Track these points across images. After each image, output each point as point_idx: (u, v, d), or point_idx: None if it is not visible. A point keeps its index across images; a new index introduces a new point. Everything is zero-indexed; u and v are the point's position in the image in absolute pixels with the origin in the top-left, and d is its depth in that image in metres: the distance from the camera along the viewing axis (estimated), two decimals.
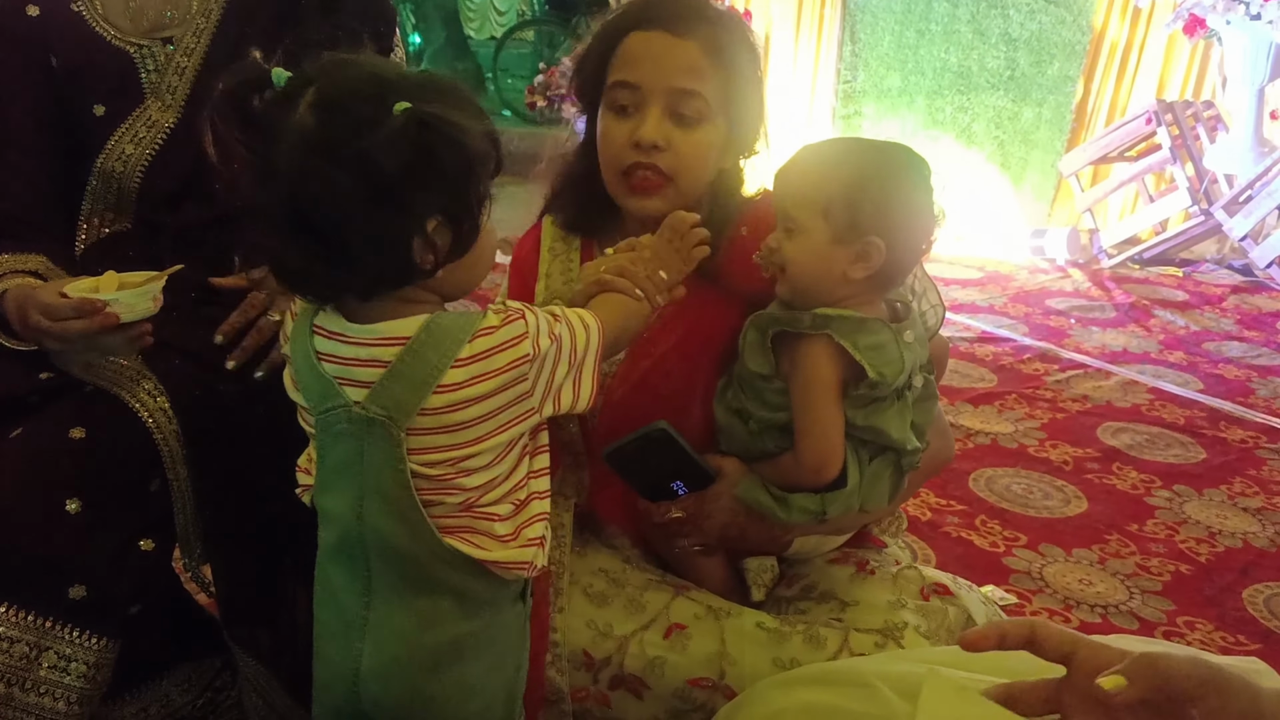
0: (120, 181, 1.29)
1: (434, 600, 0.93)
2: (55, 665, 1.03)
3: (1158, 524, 2.35)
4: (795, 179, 1.12)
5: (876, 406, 1.11)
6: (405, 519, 0.90)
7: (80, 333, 1.05)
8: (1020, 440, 2.75)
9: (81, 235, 1.32)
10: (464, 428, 0.89)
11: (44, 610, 1.03)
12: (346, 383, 0.89)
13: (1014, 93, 4.87)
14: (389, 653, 0.93)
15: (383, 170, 0.81)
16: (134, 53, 1.29)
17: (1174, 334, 3.75)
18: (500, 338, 0.88)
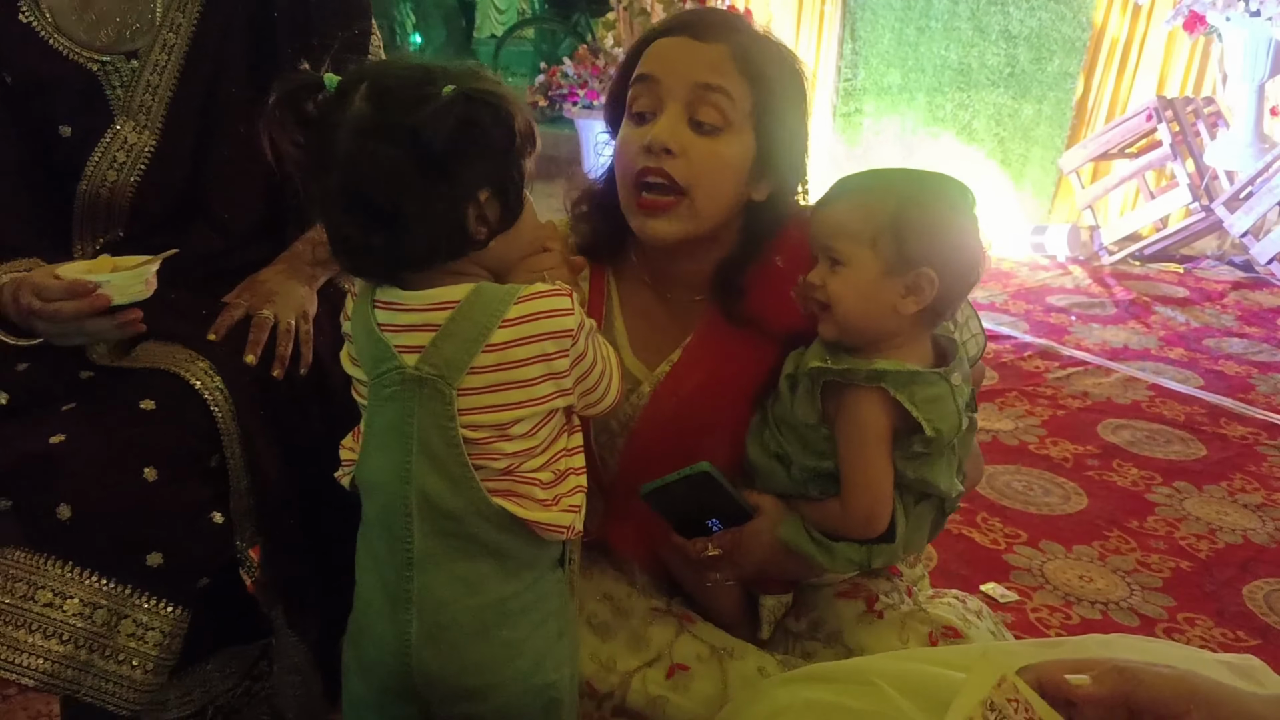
0: (108, 204, 1.26)
1: (474, 564, 0.97)
2: (133, 633, 1.05)
3: (1158, 520, 2.36)
4: (838, 211, 1.05)
5: (928, 459, 1.07)
6: (451, 476, 0.95)
7: (72, 314, 1.04)
8: (1021, 437, 2.76)
9: (76, 252, 1.30)
10: (508, 388, 0.94)
11: (124, 577, 1.05)
12: (402, 348, 0.95)
13: (1014, 89, 4.87)
14: (435, 620, 0.97)
15: (433, 143, 0.87)
16: (97, 70, 1.23)
17: (1174, 330, 3.76)
18: (546, 306, 0.94)
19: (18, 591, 1.01)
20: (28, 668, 1.00)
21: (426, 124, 0.87)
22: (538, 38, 8.21)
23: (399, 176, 0.89)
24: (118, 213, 1.28)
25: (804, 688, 0.91)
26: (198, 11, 1.26)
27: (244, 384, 1.16)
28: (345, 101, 0.90)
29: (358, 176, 0.90)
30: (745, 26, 1.13)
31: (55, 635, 1.01)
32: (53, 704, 1.54)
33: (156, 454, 1.06)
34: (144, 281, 1.09)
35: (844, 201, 1.06)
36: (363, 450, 0.99)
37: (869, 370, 1.03)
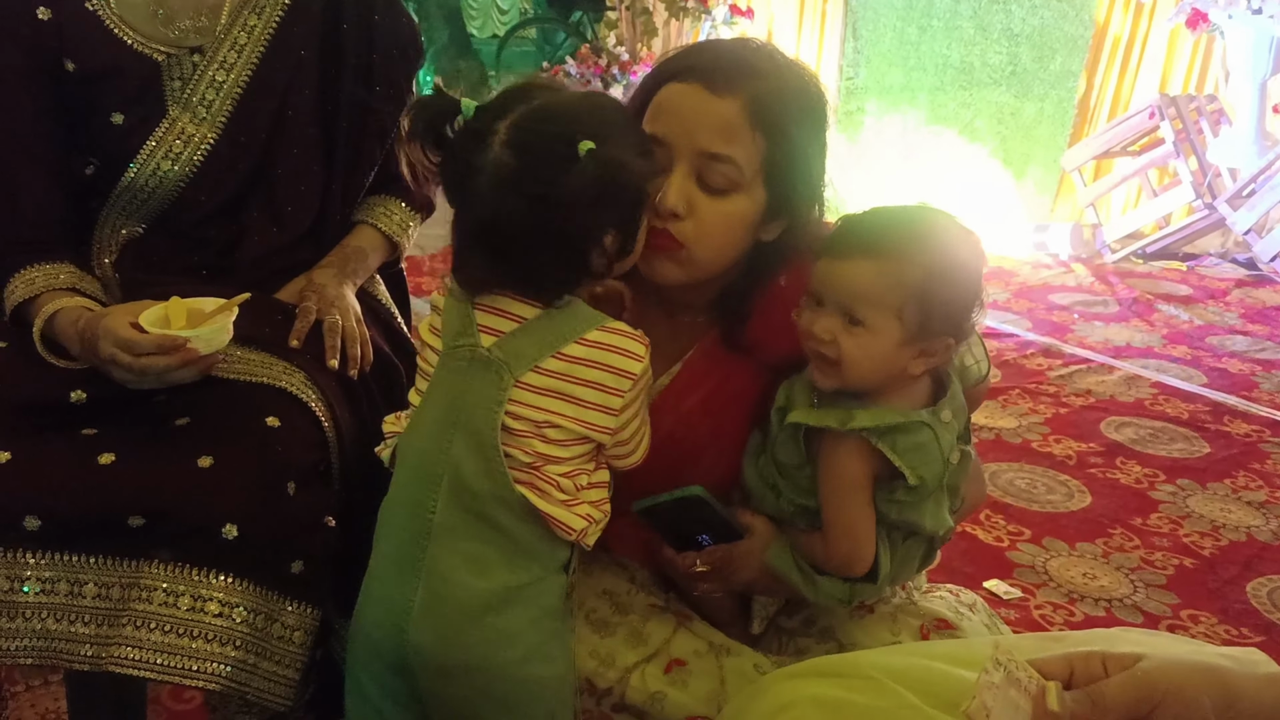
0: (150, 194, 1.29)
1: (485, 547, 1.01)
2: (282, 635, 1.11)
3: (1161, 518, 2.36)
4: (863, 274, 1.00)
5: (913, 503, 1.06)
6: (484, 458, 0.99)
7: (163, 369, 1.08)
8: (1024, 435, 2.76)
9: (95, 244, 1.32)
10: (561, 398, 0.99)
11: (275, 585, 1.10)
12: (484, 328, 1.00)
13: (1016, 88, 4.87)
14: (437, 592, 1.00)
15: (572, 207, 0.94)
16: (162, 61, 1.26)
17: (1178, 328, 3.76)
18: (622, 344, 1.00)
19: (184, 604, 1.06)
20: (213, 674, 1.06)
21: (566, 193, 0.93)
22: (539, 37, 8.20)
23: (534, 230, 0.95)
24: (154, 204, 1.30)
25: (808, 683, 0.91)
26: (277, 18, 1.30)
27: (333, 390, 1.22)
28: (485, 143, 0.95)
29: (494, 224, 0.95)
30: (766, 70, 1.07)
31: (230, 642, 1.07)
32: (60, 700, 1.55)
33: (293, 469, 1.12)
34: (226, 331, 1.12)
35: (870, 264, 1.00)
36: (415, 416, 1.04)
37: (848, 428, 1.01)
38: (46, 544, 1.07)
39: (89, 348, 1.12)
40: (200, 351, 1.09)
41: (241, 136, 1.29)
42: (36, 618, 1.07)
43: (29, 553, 1.07)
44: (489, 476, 0.99)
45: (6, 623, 1.07)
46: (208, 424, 1.14)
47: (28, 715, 1.54)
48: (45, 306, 1.18)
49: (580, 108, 0.99)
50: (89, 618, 1.07)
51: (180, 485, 1.08)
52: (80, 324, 1.14)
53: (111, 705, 1.37)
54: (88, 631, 1.07)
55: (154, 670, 1.05)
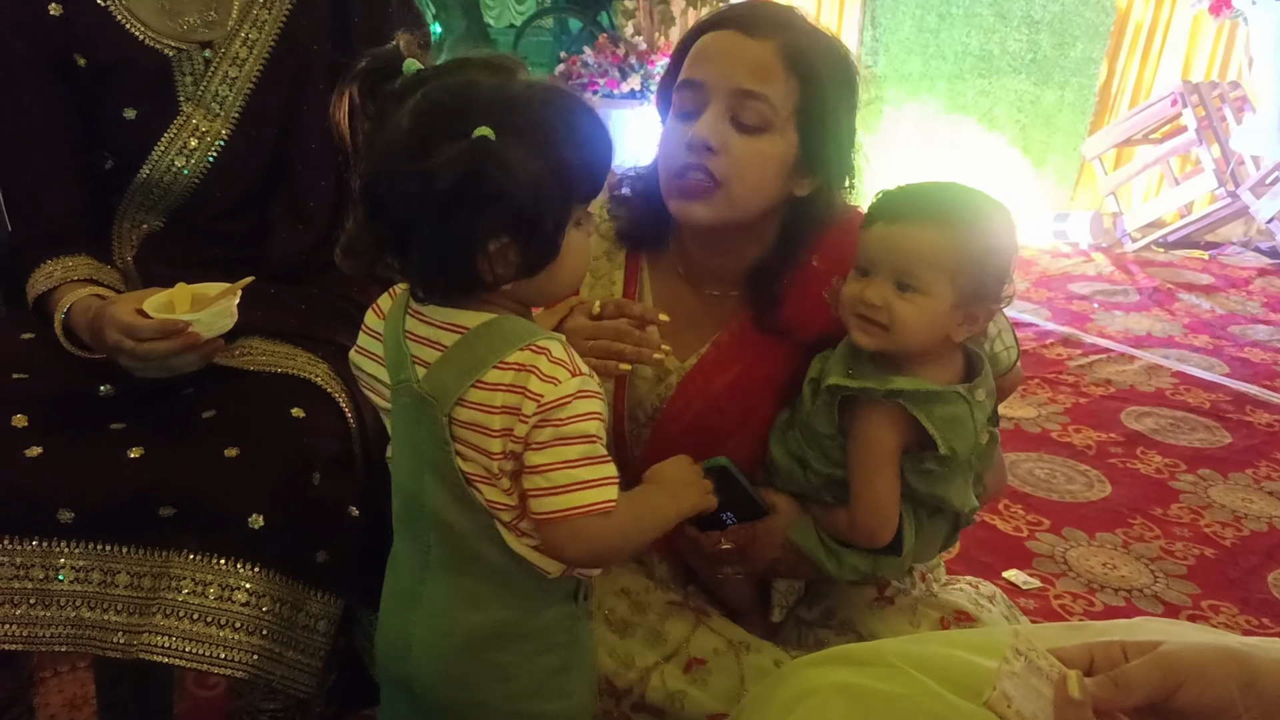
0: (166, 190, 1.30)
1: (477, 582, 0.96)
2: (307, 624, 1.13)
3: (1182, 508, 2.35)
4: (924, 237, 1.02)
5: (942, 475, 1.07)
6: (455, 493, 0.92)
7: (165, 354, 1.09)
8: (1043, 425, 2.75)
9: (115, 239, 1.33)
10: (482, 432, 0.89)
11: (300, 574, 1.12)
12: (417, 361, 0.93)
13: (1036, 76, 4.84)
14: (435, 627, 0.97)
15: (436, 188, 0.83)
16: (172, 56, 1.27)
17: (1199, 317, 3.73)
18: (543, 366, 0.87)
19: (211, 594, 1.08)
20: (240, 662, 1.08)
21: (434, 168, 0.83)
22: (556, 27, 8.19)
23: (407, 207, 0.86)
24: (171, 199, 1.31)
25: (830, 670, 0.91)
26: (286, 11, 1.30)
27: (356, 383, 1.22)
28: (399, 104, 0.87)
29: (379, 191, 0.88)
30: (798, 22, 1.10)
31: (256, 631, 1.08)
32: (87, 686, 1.57)
33: (318, 459, 1.13)
34: (229, 315, 1.12)
35: (931, 228, 1.02)
36: (394, 449, 0.98)
37: (886, 390, 1.02)
38: (80, 535, 1.09)
39: (98, 336, 1.13)
40: (202, 336, 1.09)
41: (255, 132, 1.30)
42: (71, 606, 1.09)
43: (63, 543, 1.09)
44: (465, 515, 0.93)
45: (42, 611, 1.09)
46: (233, 416, 1.15)
47: (55, 700, 1.56)
48: (63, 299, 1.20)
49: (513, 98, 0.87)
50: (121, 606, 1.09)
51: (207, 476, 1.09)
52: (90, 313, 1.15)
53: (138, 691, 1.39)
54: (119, 620, 1.09)
55: (184, 658, 1.07)
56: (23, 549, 1.09)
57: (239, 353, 1.25)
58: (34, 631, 1.09)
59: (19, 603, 1.08)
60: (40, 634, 1.09)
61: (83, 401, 1.18)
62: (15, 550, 1.08)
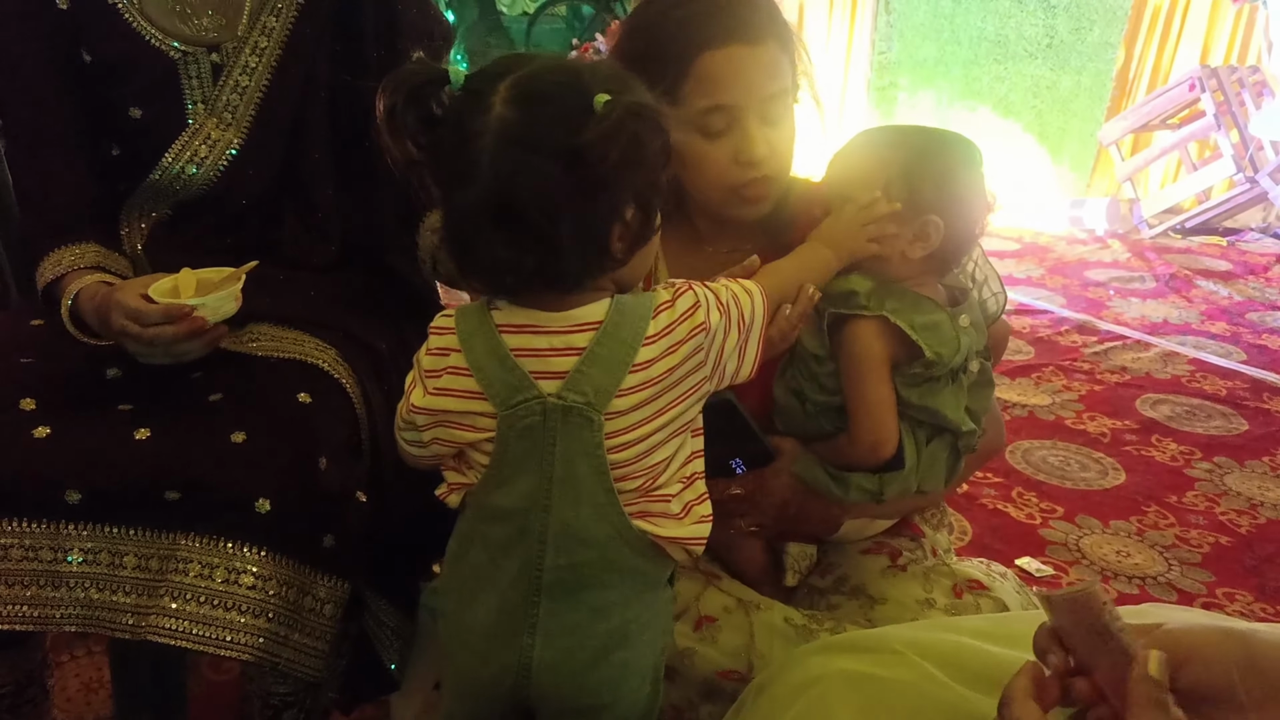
0: (176, 192, 1.29)
1: (605, 592, 0.95)
2: (313, 608, 1.13)
3: (1197, 496, 2.33)
4: (852, 161, 1.12)
5: (931, 387, 1.10)
6: (596, 503, 0.91)
7: (170, 339, 1.09)
8: (1057, 412, 2.74)
9: (125, 228, 1.33)
10: (659, 400, 0.90)
11: (307, 558, 1.12)
12: (540, 374, 0.89)
13: (1052, 61, 4.79)
14: (560, 646, 0.95)
15: (599, 164, 0.81)
16: (177, 58, 1.26)
17: (1216, 304, 3.70)
18: (679, 310, 0.91)
19: (218, 576, 1.08)
20: (246, 645, 1.08)
21: (595, 144, 0.80)
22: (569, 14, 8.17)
23: (557, 195, 0.82)
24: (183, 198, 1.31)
25: (836, 658, 0.91)
26: (292, 17, 1.29)
27: (364, 367, 1.24)
28: (483, 104, 0.83)
29: (511, 192, 0.83)
30: (765, 2, 1.15)
31: (263, 614, 1.09)
32: (102, 669, 1.58)
33: (325, 445, 1.13)
34: (234, 300, 1.12)
35: (858, 152, 1.12)
36: (493, 479, 0.93)
37: (871, 295, 1.08)
38: (88, 516, 1.09)
39: (104, 321, 1.13)
40: (207, 320, 1.10)
41: (264, 142, 1.30)
42: (80, 587, 1.10)
43: (71, 525, 1.10)
44: (604, 520, 0.92)
45: (52, 591, 1.09)
46: (241, 400, 1.15)
47: (72, 684, 1.58)
48: (70, 286, 1.20)
49: (583, 65, 0.90)
50: (129, 588, 1.10)
51: (215, 460, 1.10)
52: (97, 299, 1.16)
53: (152, 674, 1.40)
54: (128, 601, 1.10)
55: (190, 640, 1.07)
56: (31, 530, 1.09)
57: (247, 338, 1.25)
58: (45, 612, 1.09)
59: (29, 584, 1.09)
60: (51, 614, 1.10)
61: (90, 384, 1.18)
62: (24, 531, 1.09)
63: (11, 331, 1.27)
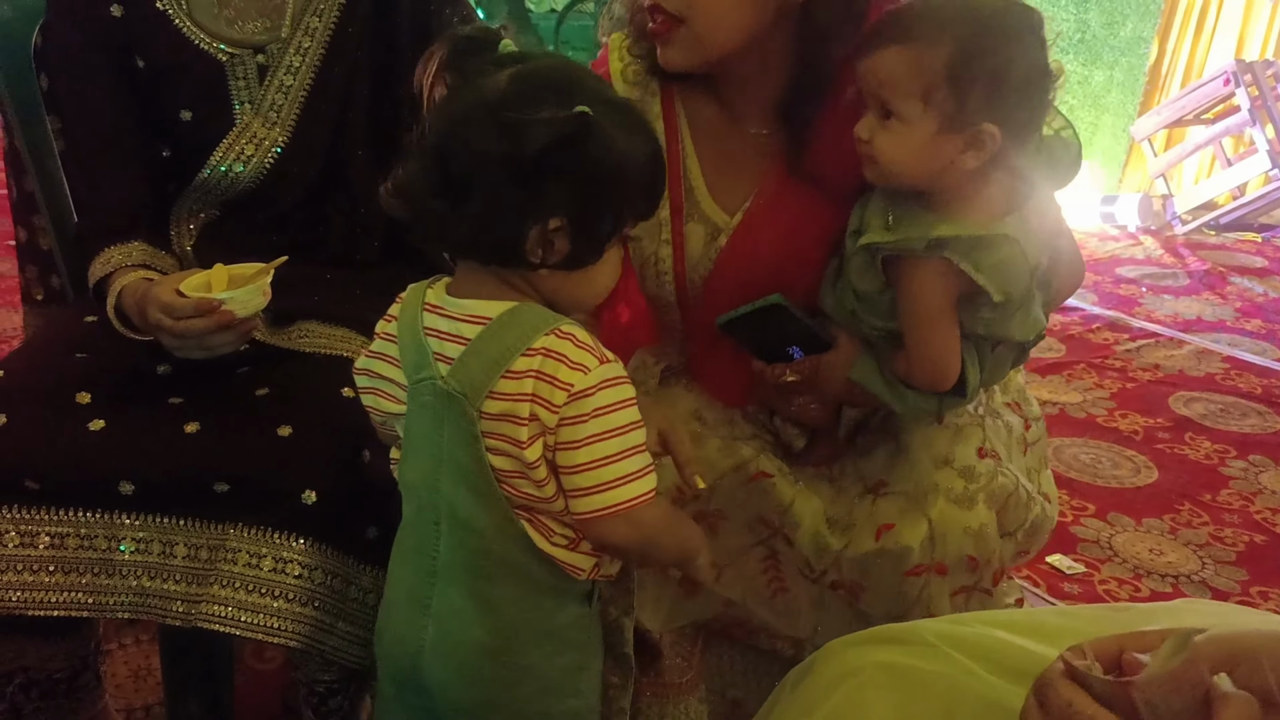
0: (224, 191, 1.33)
1: (494, 586, 0.94)
2: (357, 597, 1.16)
3: (1232, 494, 2.32)
4: (885, 60, 0.95)
5: (1000, 318, 1.02)
6: (479, 492, 0.91)
7: (201, 331, 1.12)
8: (1089, 410, 2.73)
9: (174, 228, 1.36)
10: (514, 422, 0.87)
11: (351, 549, 1.16)
12: (439, 357, 0.91)
13: (1084, 55, 4.75)
14: (450, 634, 0.96)
15: (525, 144, 0.83)
16: (225, 61, 1.29)
17: (1252, 301, 3.66)
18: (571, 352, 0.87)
19: (266, 565, 1.12)
20: (294, 632, 1.12)
21: (530, 124, 0.83)
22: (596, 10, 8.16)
23: (484, 159, 0.85)
24: (230, 197, 1.34)
25: (872, 650, 0.92)
26: (334, 18, 1.31)
27: None
28: (494, 71, 0.88)
29: (453, 139, 0.86)
30: None
31: (309, 603, 1.12)
32: (151, 658, 1.63)
33: (368, 438, 1.15)
34: (262, 294, 1.15)
35: (892, 49, 0.95)
36: (403, 452, 0.97)
37: (929, 240, 0.97)
38: (140, 507, 1.13)
39: (142, 316, 1.16)
40: (236, 314, 1.12)
41: (308, 140, 1.32)
42: (132, 575, 1.13)
43: (124, 515, 1.13)
44: (487, 513, 0.91)
45: (106, 580, 1.13)
46: (287, 395, 1.18)
47: (121, 671, 1.62)
48: (116, 283, 1.24)
49: (613, 97, 0.92)
50: (180, 576, 1.13)
51: (262, 453, 1.13)
52: (137, 294, 1.19)
53: (200, 662, 1.44)
54: (179, 589, 1.13)
55: (240, 627, 1.10)
56: (87, 520, 1.13)
57: (295, 334, 1.28)
58: (99, 599, 1.14)
59: (84, 571, 1.13)
60: (105, 601, 1.14)
61: (142, 379, 1.22)
62: (80, 521, 1.13)
63: (67, 328, 1.31)
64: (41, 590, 1.12)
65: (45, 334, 1.33)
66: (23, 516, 1.13)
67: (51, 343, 1.29)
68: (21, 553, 1.12)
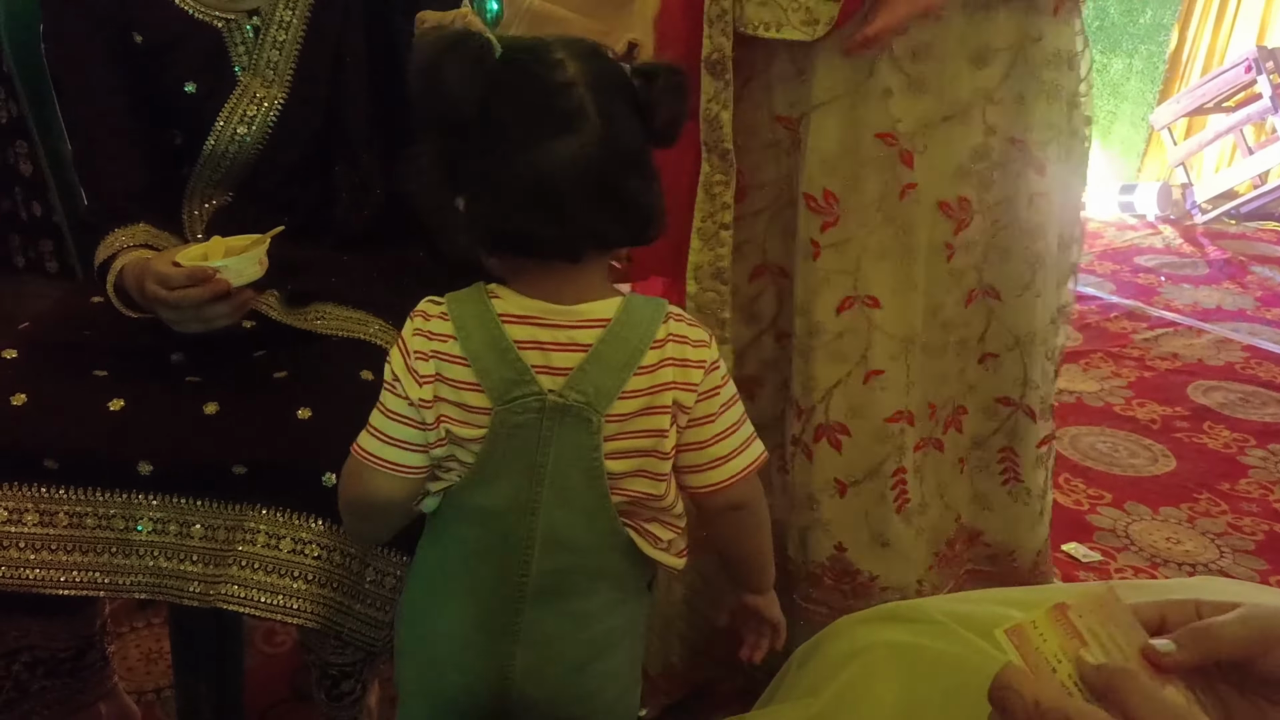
0: (232, 161, 1.33)
1: (588, 600, 0.92)
2: (374, 579, 1.16)
3: (1251, 483, 2.29)
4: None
5: None
6: (587, 511, 0.88)
7: (195, 301, 1.11)
8: (1106, 399, 2.71)
9: (187, 216, 1.37)
10: (653, 413, 0.86)
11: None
12: (542, 370, 0.85)
13: (1103, 43, 4.71)
14: (543, 655, 0.92)
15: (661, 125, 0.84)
16: (222, 27, 1.30)
17: (1273, 290, 3.62)
18: (690, 332, 0.88)
19: (285, 547, 1.12)
20: (313, 614, 1.11)
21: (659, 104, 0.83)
22: None
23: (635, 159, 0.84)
24: (238, 170, 1.34)
25: (879, 628, 0.91)
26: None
27: None
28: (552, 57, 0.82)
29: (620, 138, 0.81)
30: None
31: (328, 584, 1.12)
32: (161, 640, 1.63)
33: None
34: (257, 263, 1.14)
35: None
36: (476, 478, 0.89)
37: None
38: (158, 487, 1.13)
39: (140, 290, 1.16)
40: (230, 283, 1.10)
41: (307, 93, 1.33)
42: (149, 555, 1.14)
43: (142, 495, 1.14)
44: (592, 528, 0.89)
45: (123, 560, 1.14)
46: (305, 377, 1.18)
47: (132, 654, 1.63)
48: (117, 262, 1.24)
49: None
50: (197, 557, 1.14)
51: (281, 435, 1.13)
52: (136, 270, 1.18)
53: (210, 646, 1.44)
54: (196, 570, 1.14)
55: (259, 608, 1.10)
56: (105, 499, 1.13)
57: (312, 315, 1.28)
58: (115, 580, 1.14)
59: (101, 551, 1.14)
60: (121, 582, 1.14)
61: (159, 359, 1.22)
62: (98, 500, 1.13)
63: (75, 307, 1.32)
64: (59, 569, 1.13)
65: (54, 313, 1.34)
66: (42, 495, 1.13)
67: (62, 322, 1.30)
68: (40, 531, 1.13)
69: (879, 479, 1.28)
